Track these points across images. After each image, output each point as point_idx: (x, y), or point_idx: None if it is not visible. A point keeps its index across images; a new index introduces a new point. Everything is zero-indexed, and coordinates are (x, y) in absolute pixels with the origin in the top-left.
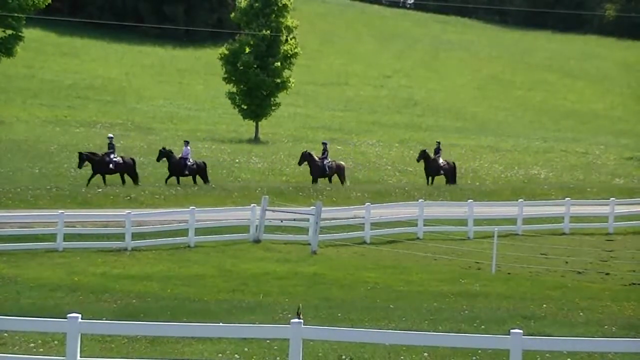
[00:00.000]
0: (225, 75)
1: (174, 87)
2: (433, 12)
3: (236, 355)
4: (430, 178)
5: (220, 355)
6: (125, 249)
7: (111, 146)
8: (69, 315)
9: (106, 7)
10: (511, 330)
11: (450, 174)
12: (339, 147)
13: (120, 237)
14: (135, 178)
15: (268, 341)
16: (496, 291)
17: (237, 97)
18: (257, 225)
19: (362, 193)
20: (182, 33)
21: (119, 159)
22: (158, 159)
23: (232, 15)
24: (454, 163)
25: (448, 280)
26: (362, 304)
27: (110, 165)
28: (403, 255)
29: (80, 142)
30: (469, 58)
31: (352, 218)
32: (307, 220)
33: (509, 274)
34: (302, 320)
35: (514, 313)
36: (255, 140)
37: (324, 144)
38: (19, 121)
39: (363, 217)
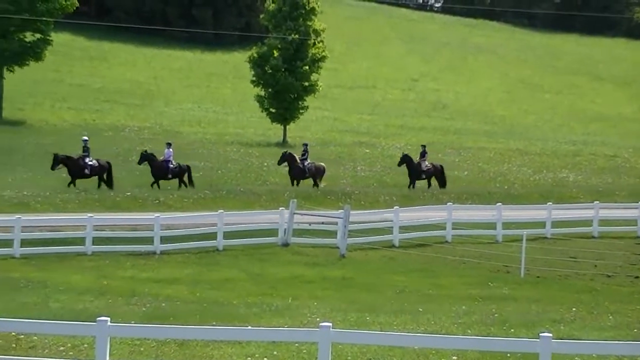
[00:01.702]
0: (254, 79)
1: (202, 91)
2: (460, 15)
3: (265, 359)
4: (412, 181)
5: (249, 358)
6: (154, 253)
7: (86, 149)
8: (98, 318)
9: (134, 11)
10: (540, 334)
11: (437, 177)
12: (367, 151)
13: (149, 240)
14: (110, 182)
15: (297, 344)
16: (525, 295)
17: (266, 101)
18: (285, 229)
19: (391, 196)
20: (210, 37)
21: (94, 162)
22: (140, 162)
23: (262, 17)
24: (441, 166)
25: (477, 283)
26: (391, 308)
27: (86, 170)
28: (432, 258)
29: (108, 146)
30: (496, 61)
31: (381, 221)
32: (336, 223)
33: (538, 277)
34: (330, 324)
35: (543, 316)
36: (283, 143)
37: (304, 145)
38: (47, 125)
39: (391, 221)
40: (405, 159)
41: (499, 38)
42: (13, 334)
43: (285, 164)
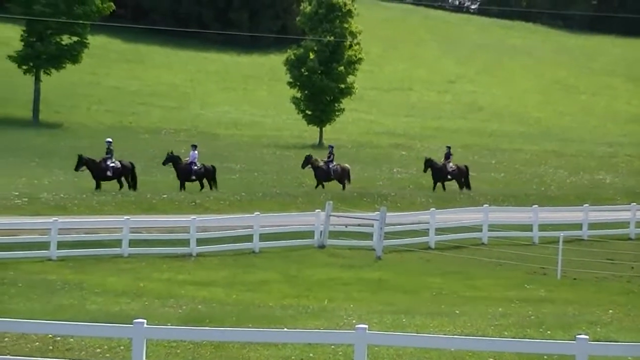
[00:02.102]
0: (290, 80)
1: (238, 93)
2: (496, 17)
3: None
4: (437, 183)
5: None
6: (190, 255)
7: (109, 151)
8: (134, 320)
9: (170, 13)
10: (577, 336)
11: (462, 178)
12: (403, 153)
13: (185, 242)
14: (134, 183)
15: (333, 346)
16: (562, 296)
17: (302, 103)
18: (321, 231)
19: (427, 198)
20: (246, 39)
21: (116, 163)
22: (164, 163)
23: (298, 19)
24: (465, 167)
25: (513, 285)
26: (427, 310)
27: (108, 172)
28: (468, 260)
29: (145, 149)
30: (532, 63)
31: (416, 223)
32: (372, 225)
33: (574, 279)
34: (366, 326)
35: (580, 318)
36: (319, 145)
37: (330, 147)
38: (84, 127)
39: (428, 223)
40: (429, 163)
41: (535, 40)
42: (50, 336)
43: (309, 166)
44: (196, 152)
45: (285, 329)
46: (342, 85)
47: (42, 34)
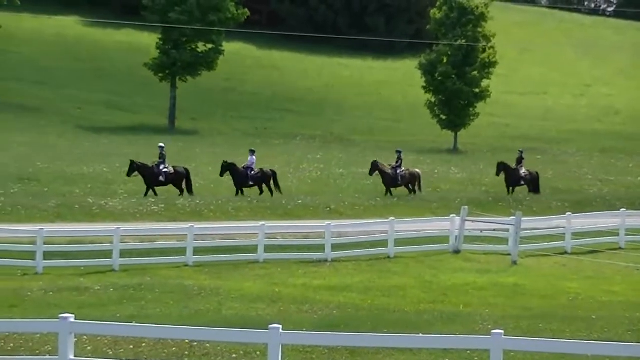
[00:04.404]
0: (424, 85)
1: (372, 98)
2: (633, 19)
3: None
4: (510, 188)
5: None
6: (326, 260)
7: (162, 156)
8: (270, 326)
9: (306, 20)
10: None
11: (533, 183)
12: (538, 157)
13: (320, 248)
14: (189, 189)
15: (468, 352)
16: None
17: (436, 107)
18: (456, 236)
19: (563, 203)
20: (380, 44)
21: (170, 169)
22: (221, 174)
23: (428, 27)
24: (536, 173)
25: None
26: (563, 315)
27: (161, 177)
28: (604, 265)
29: (279, 155)
30: None
31: (553, 228)
32: (507, 230)
33: None
34: (502, 331)
35: None
36: (454, 150)
37: (398, 152)
38: (219, 134)
39: (564, 227)
40: (502, 167)
41: None
42: (187, 341)
43: (377, 173)
44: (254, 157)
45: (421, 335)
46: (477, 90)
47: (178, 42)
